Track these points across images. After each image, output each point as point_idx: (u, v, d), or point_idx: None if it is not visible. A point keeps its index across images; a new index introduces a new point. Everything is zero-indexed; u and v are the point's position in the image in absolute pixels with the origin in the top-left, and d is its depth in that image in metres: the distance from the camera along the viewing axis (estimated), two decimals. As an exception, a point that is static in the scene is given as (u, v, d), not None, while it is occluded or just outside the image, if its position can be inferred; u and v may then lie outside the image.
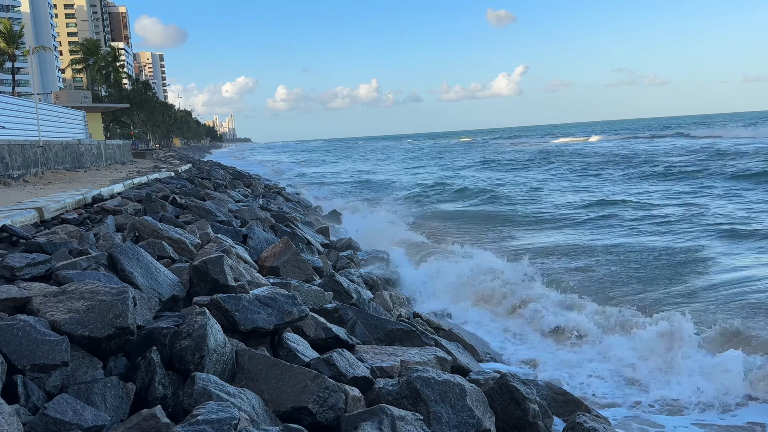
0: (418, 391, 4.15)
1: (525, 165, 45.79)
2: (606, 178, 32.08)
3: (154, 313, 4.73)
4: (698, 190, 24.35)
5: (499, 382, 4.62)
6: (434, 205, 25.01)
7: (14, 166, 18.78)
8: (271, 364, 4.07)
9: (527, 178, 35.11)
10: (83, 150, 28.78)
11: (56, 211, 9.33)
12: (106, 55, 71.23)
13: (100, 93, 70.03)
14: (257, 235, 9.73)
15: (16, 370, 3.37)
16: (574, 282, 10.58)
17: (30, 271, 4.99)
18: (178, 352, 3.93)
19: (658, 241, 14.27)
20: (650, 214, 18.27)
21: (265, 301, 4.81)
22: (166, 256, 6.66)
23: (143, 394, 3.67)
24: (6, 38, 53.60)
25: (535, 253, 13.26)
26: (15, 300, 4.11)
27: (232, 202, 15.66)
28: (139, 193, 13.76)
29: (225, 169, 38.34)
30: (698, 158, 39.12)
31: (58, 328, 3.74)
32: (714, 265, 11.52)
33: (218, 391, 3.56)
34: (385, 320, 6.21)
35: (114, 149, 37.55)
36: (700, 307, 9.01)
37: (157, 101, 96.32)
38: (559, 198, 24.39)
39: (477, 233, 17.09)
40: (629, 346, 7.29)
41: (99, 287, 4.03)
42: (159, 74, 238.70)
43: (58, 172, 22.45)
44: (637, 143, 67.27)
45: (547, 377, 6.54)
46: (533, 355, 7.52)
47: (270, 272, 7.74)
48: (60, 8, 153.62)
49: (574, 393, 5.92)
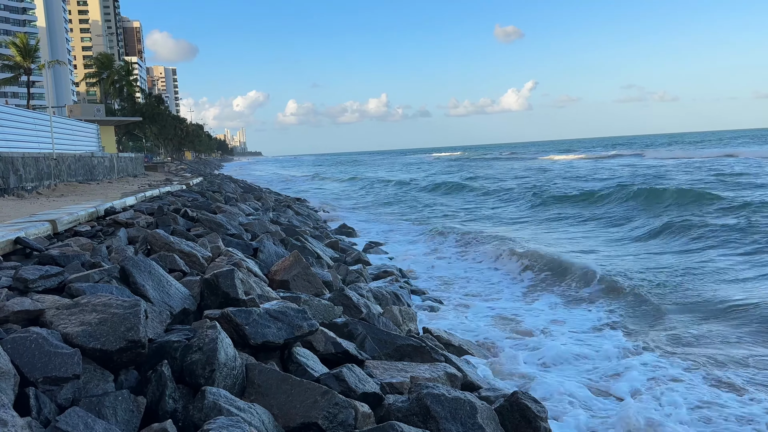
0: (429, 408, 4.12)
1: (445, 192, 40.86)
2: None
3: (165, 326, 4.75)
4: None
5: (510, 399, 4.58)
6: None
7: (28, 178, 18.98)
8: (281, 379, 4.06)
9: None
10: (96, 163, 29.06)
11: (69, 223, 9.41)
12: (120, 69, 72.18)
13: (113, 106, 70.86)
14: (267, 249, 9.75)
15: (29, 383, 3.38)
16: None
17: (43, 283, 5.02)
18: (188, 366, 3.93)
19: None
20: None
21: (275, 315, 4.81)
22: (177, 269, 6.69)
23: (154, 407, 3.67)
24: (22, 52, 54.46)
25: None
26: (28, 312, 4.14)
27: (242, 216, 15.73)
28: (151, 206, 13.86)
29: (236, 183, 38.56)
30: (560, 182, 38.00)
31: (70, 340, 3.76)
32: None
33: (228, 405, 3.55)
34: (395, 335, 6.18)
35: (126, 162, 37.90)
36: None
37: (170, 115, 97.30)
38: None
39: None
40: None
41: (111, 300, 4.05)
42: (171, 88, 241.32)
43: (71, 184, 22.67)
44: (587, 162, 66.08)
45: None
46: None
47: (280, 286, 7.75)
48: (75, 23, 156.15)
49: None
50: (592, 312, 9.70)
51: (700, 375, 6.73)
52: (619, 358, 7.45)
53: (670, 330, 8.48)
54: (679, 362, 7.16)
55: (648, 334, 8.39)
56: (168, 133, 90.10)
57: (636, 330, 8.63)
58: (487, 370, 6.79)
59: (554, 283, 11.75)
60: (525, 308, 10.12)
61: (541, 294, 11.18)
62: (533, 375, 6.78)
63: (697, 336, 8.12)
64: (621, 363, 7.21)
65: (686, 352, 7.52)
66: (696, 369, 6.93)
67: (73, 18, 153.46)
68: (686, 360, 7.22)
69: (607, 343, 7.92)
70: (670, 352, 7.60)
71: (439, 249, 16.69)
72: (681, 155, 66.25)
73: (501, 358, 7.45)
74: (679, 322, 8.78)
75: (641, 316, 9.31)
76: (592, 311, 9.75)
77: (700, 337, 8.09)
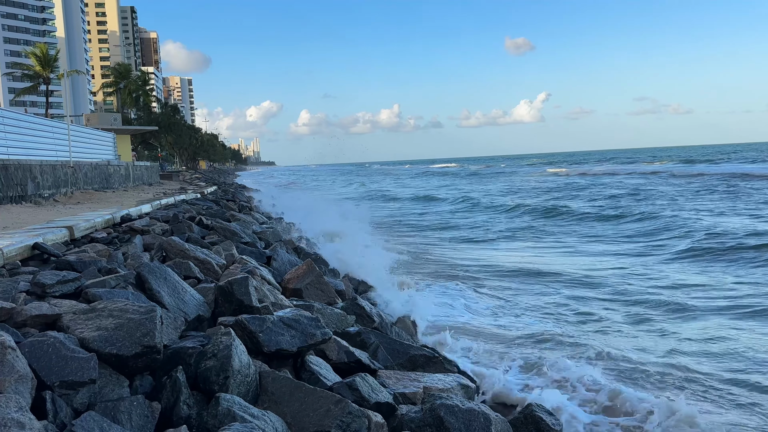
0: (442, 419, 4.09)
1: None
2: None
3: (180, 332, 4.76)
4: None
5: (524, 411, 4.54)
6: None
7: (45, 185, 19.21)
8: (294, 387, 4.06)
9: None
10: (112, 171, 29.37)
11: (86, 230, 9.51)
12: (137, 79, 73.03)
13: (129, 116, 71.62)
14: (281, 257, 9.78)
15: (45, 386, 3.41)
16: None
17: (60, 288, 5.07)
18: (202, 373, 3.94)
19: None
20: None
21: (288, 323, 4.81)
22: (192, 276, 6.73)
23: (168, 413, 3.68)
24: (42, 62, 55.30)
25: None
26: (46, 317, 4.18)
27: (256, 224, 15.81)
28: (167, 213, 13.96)
29: (249, 192, 38.75)
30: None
31: (86, 345, 3.78)
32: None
33: (242, 412, 3.55)
34: (408, 345, 6.17)
35: (141, 170, 38.26)
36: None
37: (185, 124, 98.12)
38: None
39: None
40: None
41: (127, 306, 4.08)
42: (187, 98, 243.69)
43: (87, 192, 22.91)
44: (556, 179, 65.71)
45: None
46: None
47: (293, 294, 7.76)
48: (94, 33, 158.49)
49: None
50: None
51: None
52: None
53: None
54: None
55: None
56: (183, 143, 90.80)
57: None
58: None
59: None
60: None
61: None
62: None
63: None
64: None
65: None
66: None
67: (91, 28, 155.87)
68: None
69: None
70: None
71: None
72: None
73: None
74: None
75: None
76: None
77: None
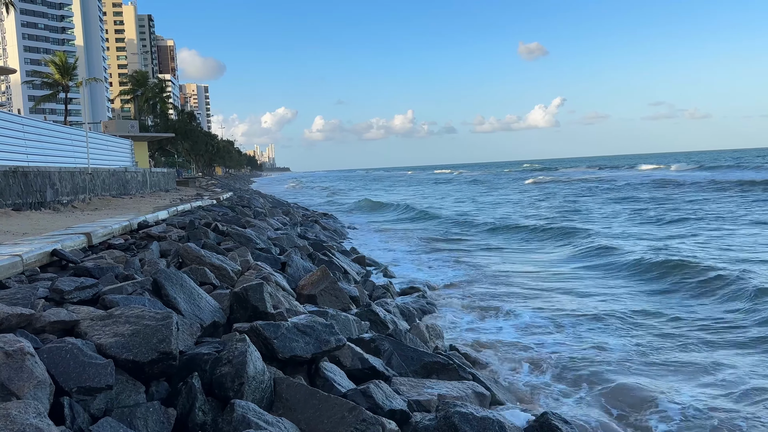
0: (456, 427, 4.07)
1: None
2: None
3: (195, 338, 4.79)
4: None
5: (539, 420, 4.51)
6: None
7: (64, 192, 19.47)
8: (309, 394, 4.07)
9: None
10: (129, 177, 29.70)
11: (104, 236, 9.61)
12: (154, 87, 73.85)
13: (147, 123, 72.42)
14: (295, 263, 9.82)
15: (63, 392, 3.45)
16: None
17: (78, 294, 5.13)
18: (217, 379, 3.97)
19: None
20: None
21: (303, 330, 4.83)
22: (208, 282, 6.78)
23: (183, 419, 3.70)
24: (61, 70, 56.08)
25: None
26: (64, 323, 4.24)
27: (271, 230, 15.88)
28: (183, 220, 14.08)
29: (264, 198, 38.97)
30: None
31: (104, 351, 3.82)
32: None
33: (257, 419, 3.57)
34: (422, 352, 6.15)
35: (158, 177, 38.64)
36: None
37: (201, 131, 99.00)
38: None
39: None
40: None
41: (144, 312, 4.12)
42: (203, 105, 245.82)
43: (105, 198, 23.18)
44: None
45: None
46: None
47: (307, 300, 7.79)
48: (111, 41, 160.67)
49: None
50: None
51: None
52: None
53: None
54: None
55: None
56: (199, 149, 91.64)
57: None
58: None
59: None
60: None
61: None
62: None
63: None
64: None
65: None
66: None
67: (109, 37, 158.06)
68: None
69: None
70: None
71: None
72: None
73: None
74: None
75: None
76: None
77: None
